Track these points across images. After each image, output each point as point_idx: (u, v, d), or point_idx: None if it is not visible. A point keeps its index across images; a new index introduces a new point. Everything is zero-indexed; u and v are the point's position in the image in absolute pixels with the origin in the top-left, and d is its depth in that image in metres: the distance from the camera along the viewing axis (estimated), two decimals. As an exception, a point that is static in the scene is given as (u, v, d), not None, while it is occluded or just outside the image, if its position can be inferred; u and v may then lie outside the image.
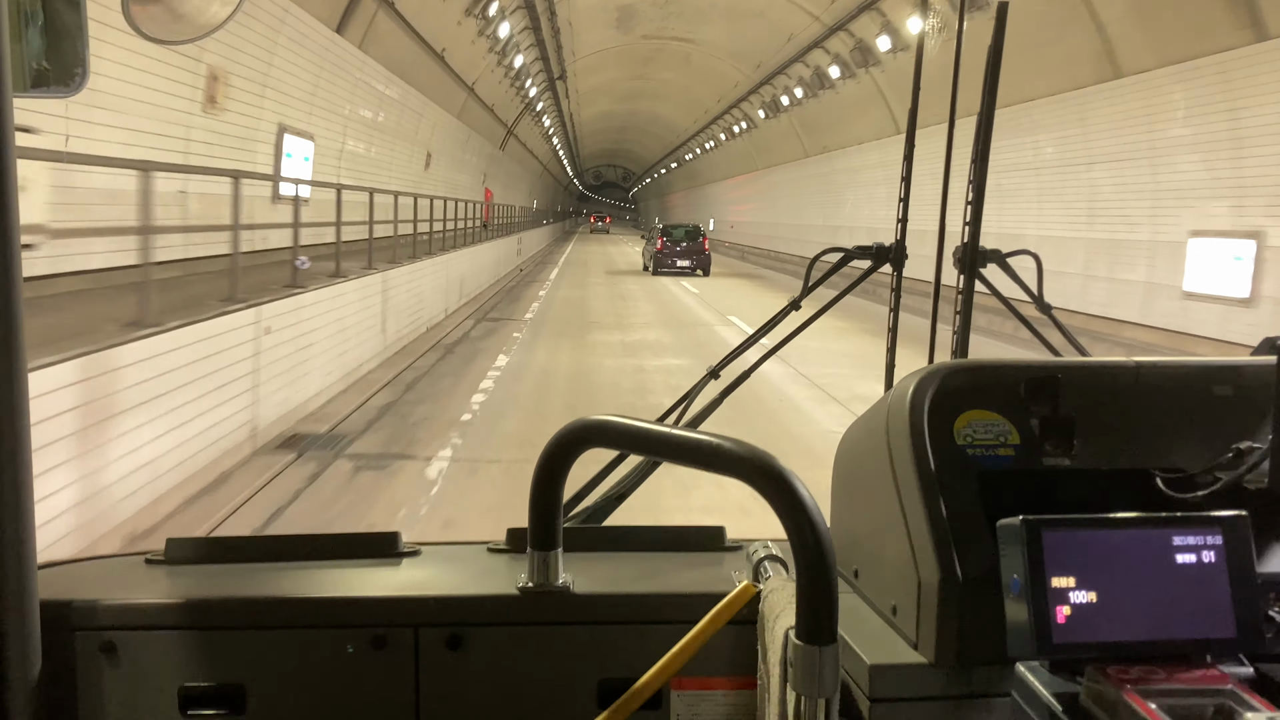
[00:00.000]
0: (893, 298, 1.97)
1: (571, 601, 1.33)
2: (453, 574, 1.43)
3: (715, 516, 2.48)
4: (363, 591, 1.35)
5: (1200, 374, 1.31)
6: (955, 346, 1.81)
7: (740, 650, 1.28)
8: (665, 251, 28.21)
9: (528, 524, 1.30)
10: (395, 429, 8.21)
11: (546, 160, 52.53)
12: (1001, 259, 1.88)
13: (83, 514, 4.73)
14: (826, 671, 0.93)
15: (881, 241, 1.94)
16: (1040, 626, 0.99)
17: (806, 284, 1.98)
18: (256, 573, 1.41)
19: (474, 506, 6.09)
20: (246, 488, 6.29)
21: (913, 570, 1.14)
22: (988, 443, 1.22)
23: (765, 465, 0.97)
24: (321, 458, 7.12)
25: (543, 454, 1.24)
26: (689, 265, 28.09)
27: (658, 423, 1.17)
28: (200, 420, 6.08)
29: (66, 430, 4.58)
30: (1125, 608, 1.01)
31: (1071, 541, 1.02)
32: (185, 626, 1.30)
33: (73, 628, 1.28)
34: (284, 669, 1.30)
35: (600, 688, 1.32)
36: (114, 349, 5.11)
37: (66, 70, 1.24)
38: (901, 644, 1.16)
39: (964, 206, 1.81)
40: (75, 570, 1.43)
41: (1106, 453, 1.24)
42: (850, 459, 1.39)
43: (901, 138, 1.99)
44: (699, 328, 16.08)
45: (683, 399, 1.92)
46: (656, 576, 1.42)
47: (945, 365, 1.29)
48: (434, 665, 1.31)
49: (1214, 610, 1.01)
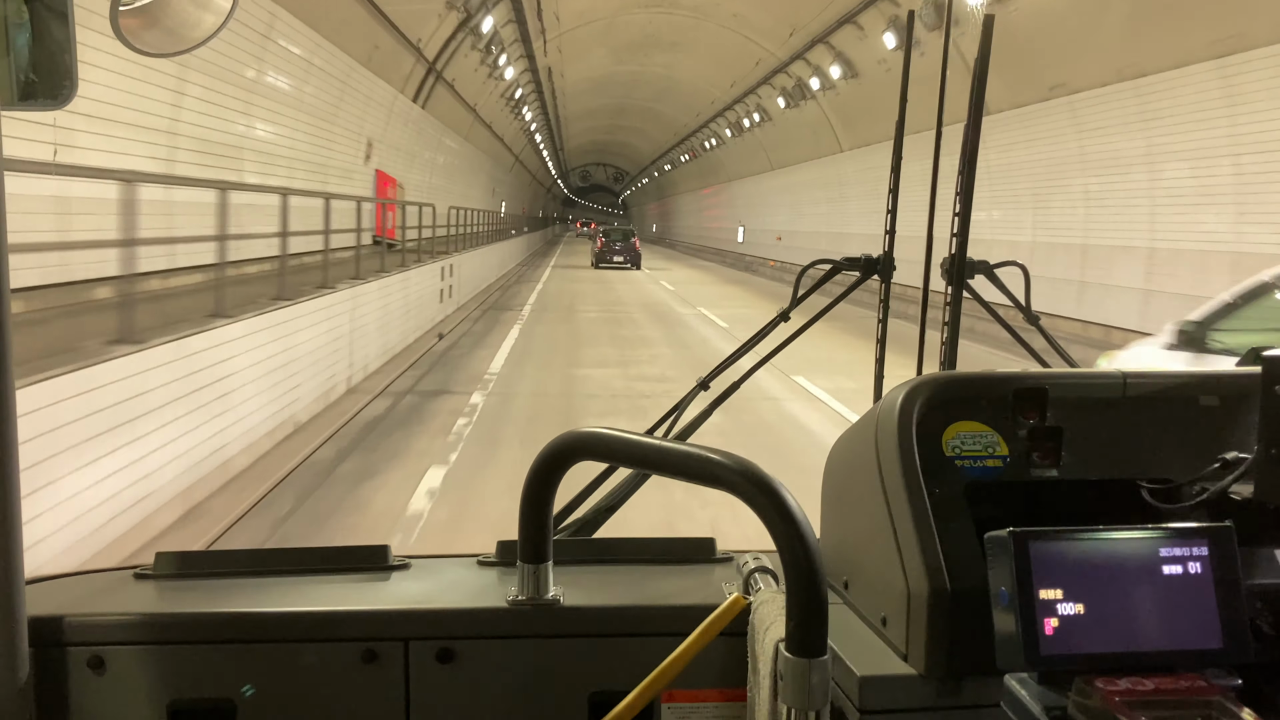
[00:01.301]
0: (881, 308, 1.98)
1: (562, 614, 1.33)
2: (443, 587, 1.43)
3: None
4: (353, 605, 1.35)
5: (1186, 385, 1.32)
6: (944, 358, 1.82)
7: (731, 662, 1.28)
8: (604, 250, 35.49)
9: (518, 537, 1.30)
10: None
11: (521, 151, 42.62)
12: (989, 270, 1.89)
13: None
14: (816, 683, 0.93)
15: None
16: (1028, 638, 1.00)
17: (795, 295, 1.99)
18: (246, 587, 1.41)
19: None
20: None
21: (902, 582, 1.14)
22: (976, 454, 1.22)
23: (754, 478, 0.97)
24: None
25: (532, 467, 1.24)
26: (623, 260, 35.27)
27: (647, 435, 1.17)
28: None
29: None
30: (1113, 619, 1.01)
31: (1059, 553, 1.03)
32: (175, 641, 1.30)
33: (62, 643, 1.27)
34: (274, 683, 1.30)
35: (591, 701, 1.32)
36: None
37: (54, 83, 1.23)
38: (891, 655, 1.16)
39: (951, 217, 1.82)
40: (64, 585, 1.43)
41: (1094, 464, 1.25)
42: (839, 470, 1.39)
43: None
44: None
45: (672, 411, 1.92)
46: (647, 589, 1.42)
47: (934, 376, 1.30)
48: (424, 679, 1.31)
49: (1201, 621, 1.02)
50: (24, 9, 1.19)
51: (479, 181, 30.56)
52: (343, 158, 16.30)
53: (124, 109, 8.64)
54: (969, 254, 1.83)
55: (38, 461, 4.36)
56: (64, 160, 7.40)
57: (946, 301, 1.84)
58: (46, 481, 4.45)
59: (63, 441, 4.61)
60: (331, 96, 15.01)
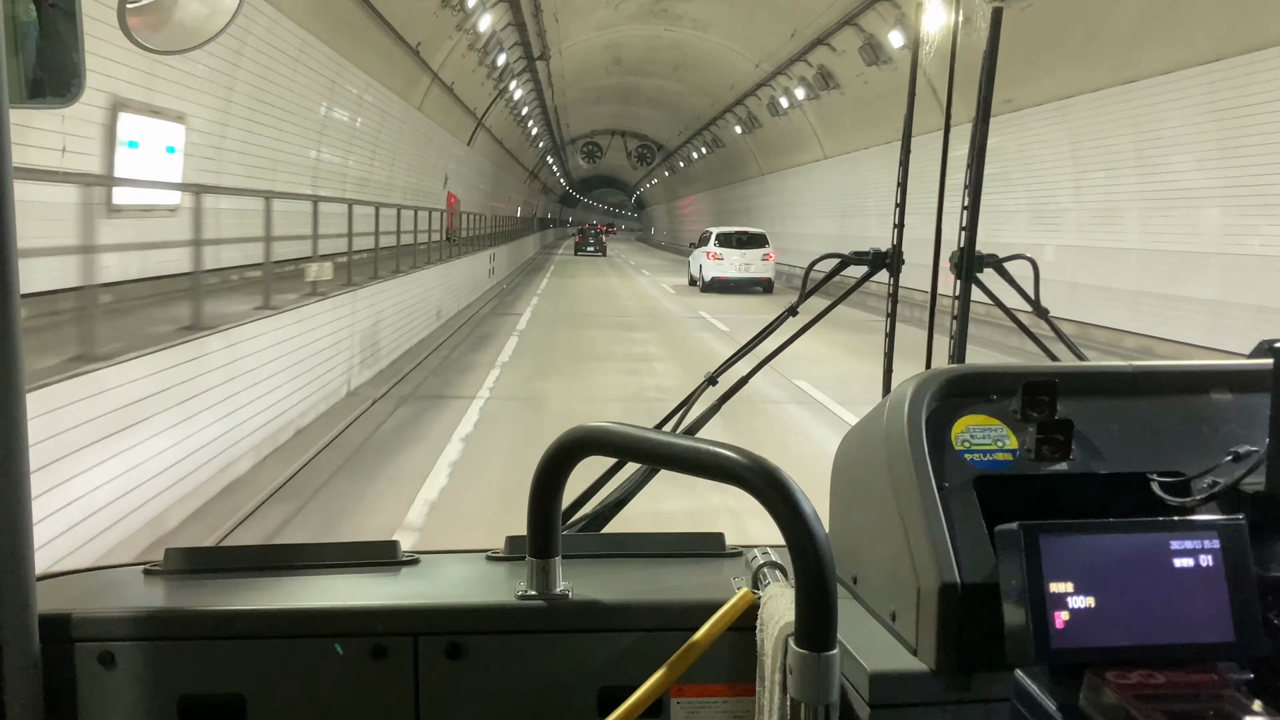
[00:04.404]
0: (890, 303, 1.97)
1: (571, 609, 1.32)
2: (452, 582, 1.43)
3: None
4: (362, 601, 1.35)
5: (1197, 378, 1.32)
6: (953, 351, 1.81)
7: (740, 657, 1.27)
8: (580, 243, 49.91)
9: (526, 532, 1.30)
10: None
11: (506, 136, 35.00)
12: (998, 263, 1.88)
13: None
14: (826, 678, 0.93)
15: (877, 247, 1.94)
16: (1039, 632, 0.99)
17: (804, 290, 1.98)
18: (255, 582, 1.41)
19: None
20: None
21: (912, 576, 1.14)
22: (985, 448, 1.22)
23: (764, 472, 0.97)
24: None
25: (541, 462, 1.23)
26: (594, 249, 48.91)
27: (655, 430, 1.17)
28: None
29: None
30: (1123, 613, 1.01)
31: (1069, 547, 1.02)
32: (184, 637, 1.30)
33: (72, 639, 1.27)
34: (284, 679, 1.30)
35: (600, 695, 1.32)
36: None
37: (63, 81, 1.24)
38: (901, 650, 1.16)
39: (960, 212, 1.81)
40: (74, 581, 1.43)
41: (1104, 457, 1.24)
42: (849, 465, 1.39)
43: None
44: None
45: (681, 405, 1.92)
46: (656, 583, 1.42)
47: (943, 370, 1.30)
48: (434, 674, 1.31)
49: (1212, 614, 1.01)
50: (32, 7, 1.20)
51: (417, 166, 24.48)
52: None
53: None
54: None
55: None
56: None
57: (955, 296, 1.83)
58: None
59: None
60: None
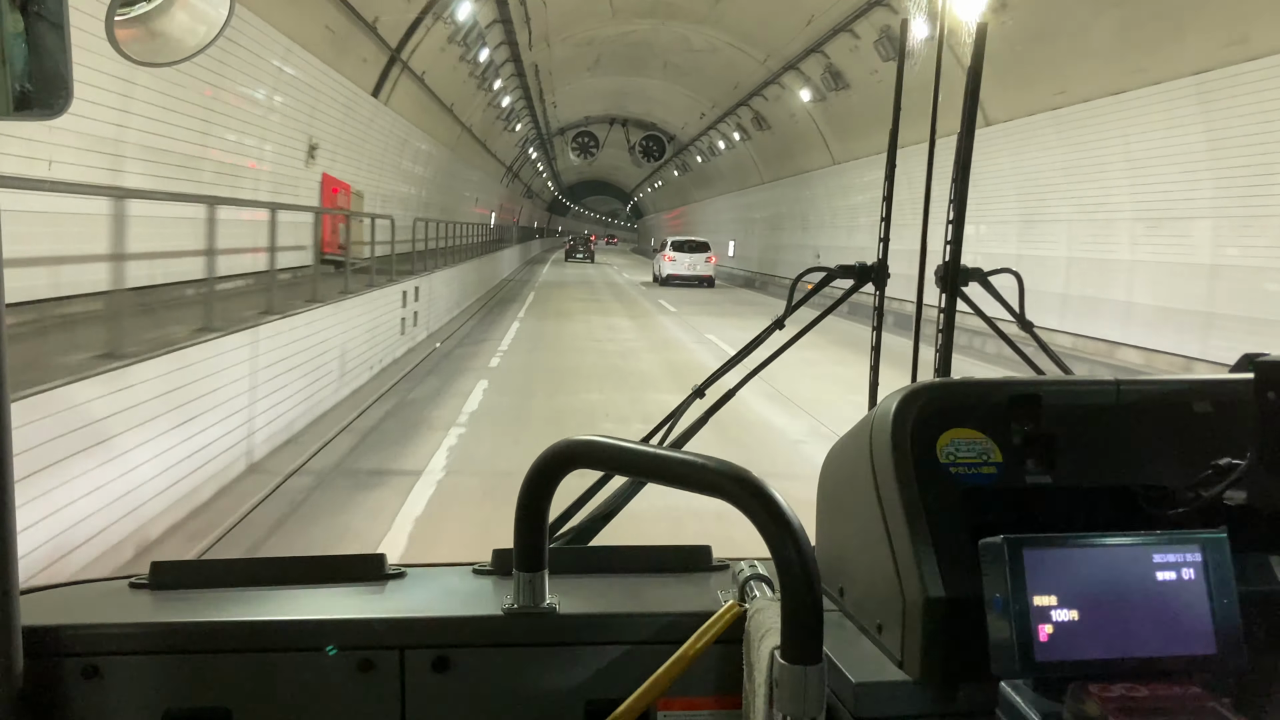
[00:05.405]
0: (875, 316, 1.98)
1: (558, 623, 1.32)
2: (438, 596, 1.43)
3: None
4: (348, 614, 1.35)
5: (1180, 391, 1.33)
6: (938, 365, 1.82)
7: (727, 670, 1.27)
8: (569, 249, 53.22)
9: (513, 545, 1.30)
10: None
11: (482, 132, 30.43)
12: (983, 277, 1.89)
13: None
14: (812, 691, 0.93)
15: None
16: (1023, 645, 1.00)
17: (790, 303, 1.99)
18: (241, 596, 1.40)
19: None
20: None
21: (897, 589, 1.14)
22: (970, 461, 1.23)
23: (749, 485, 0.97)
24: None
25: (527, 475, 1.24)
26: (583, 255, 52.04)
27: (642, 443, 1.17)
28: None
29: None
30: (1107, 626, 1.01)
31: (1053, 560, 1.03)
32: (170, 651, 1.29)
33: (57, 653, 1.26)
34: (270, 692, 1.29)
35: (587, 709, 1.31)
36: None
37: (50, 93, 1.23)
38: (887, 662, 1.16)
39: (945, 225, 1.82)
40: (59, 595, 1.42)
41: (1088, 470, 1.25)
42: (834, 477, 1.39)
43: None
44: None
45: (668, 418, 1.92)
46: (643, 597, 1.42)
47: (928, 384, 1.30)
48: (420, 688, 1.31)
49: (1195, 627, 1.02)
50: (20, 19, 1.19)
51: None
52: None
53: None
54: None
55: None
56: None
57: (940, 310, 1.84)
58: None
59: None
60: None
